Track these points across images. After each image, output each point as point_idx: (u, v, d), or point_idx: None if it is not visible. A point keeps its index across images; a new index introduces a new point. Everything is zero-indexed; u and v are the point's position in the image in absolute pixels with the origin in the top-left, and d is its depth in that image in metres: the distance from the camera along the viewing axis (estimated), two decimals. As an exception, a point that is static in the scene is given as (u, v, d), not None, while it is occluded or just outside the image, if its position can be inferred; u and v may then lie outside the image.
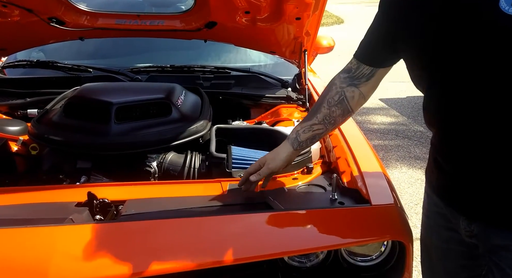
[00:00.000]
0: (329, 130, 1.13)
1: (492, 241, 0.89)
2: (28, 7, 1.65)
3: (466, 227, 0.93)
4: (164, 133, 1.39)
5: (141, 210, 1.06)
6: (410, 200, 2.83)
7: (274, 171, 1.14)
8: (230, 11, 1.66)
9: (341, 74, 1.11)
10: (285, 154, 1.13)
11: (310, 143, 1.15)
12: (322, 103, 1.11)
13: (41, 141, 1.41)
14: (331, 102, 1.09)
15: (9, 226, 0.96)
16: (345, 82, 1.09)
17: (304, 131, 1.12)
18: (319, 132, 1.12)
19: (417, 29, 0.87)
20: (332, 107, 1.09)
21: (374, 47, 1.03)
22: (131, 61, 2.12)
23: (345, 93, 1.08)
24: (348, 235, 1.03)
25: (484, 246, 0.91)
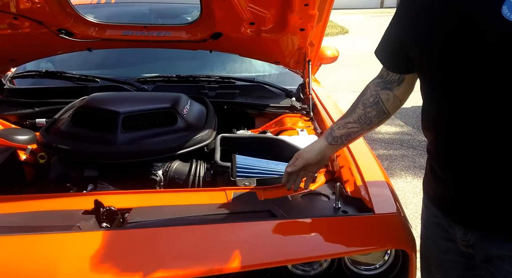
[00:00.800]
0: (364, 130, 1.13)
1: (488, 251, 0.89)
2: (38, 19, 1.70)
3: (462, 236, 0.93)
4: (170, 142, 1.41)
5: (147, 218, 1.07)
6: (415, 210, 2.82)
7: (308, 162, 1.14)
8: (235, 22, 1.69)
9: (375, 80, 1.13)
10: (319, 146, 1.14)
11: (345, 140, 1.14)
12: (357, 104, 1.13)
13: (49, 150, 1.44)
14: (366, 103, 1.11)
15: (18, 233, 0.98)
16: (379, 86, 1.10)
17: (338, 127, 1.14)
18: (354, 130, 1.13)
19: (421, 33, 0.89)
20: (367, 108, 1.10)
21: (390, 53, 1.05)
22: (138, 71, 2.16)
23: (380, 96, 1.09)
24: (352, 244, 1.04)
25: (481, 255, 0.91)
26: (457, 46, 0.80)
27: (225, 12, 1.64)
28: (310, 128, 1.72)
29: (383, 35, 1.06)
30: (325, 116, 1.76)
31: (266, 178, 1.30)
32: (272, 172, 1.32)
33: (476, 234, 0.90)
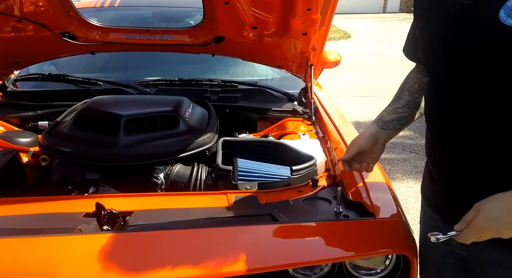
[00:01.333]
0: (415, 114, 1.12)
1: (481, 254, 0.89)
2: (42, 22, 1.71)
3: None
4: (172, 145, 1.41)
5: (148, 221, 1.07)
6: (417, 215, 2.79)
7: (362, 148, 1.12)
8: (238, 26, 1.70)
9: (414, 69, 1.14)
10: (370, 131, 1.13)
11: (397, 124, 1.13)
12: (403, 92, 1.13)
13: (51, 153, 1.44)
14: (411, 90, 1.11)
15: (19, 236, 0.98)
16: (419, 74, 1.11)
17: (387, 113, 1.13)
18: (405, 115, 1.12)
19: (426, 29, 0.92)
20: (415, 94, 1.10)
21: (411, 47, 1.07)
22: (140, 75, 2.17)
23: (424, 82, 1.08)
24: (353, 248, 1.03)
25: (474, 259, 0.92)
26: (455, 46, 0.83)
27: (228, 16, 1.65)
28: (312, 132, 1.72)
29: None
30: (327, 120, 1.76)
31: (267, 182, 1.30)
32: (273, 176, 1.32)
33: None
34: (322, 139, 1.65)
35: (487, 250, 0.88)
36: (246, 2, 1.57)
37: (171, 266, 0.92)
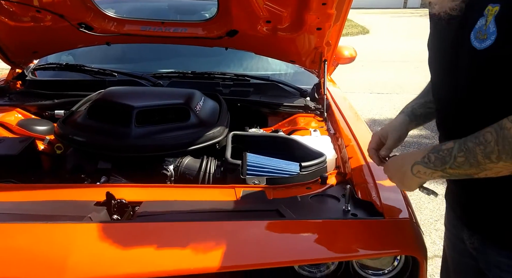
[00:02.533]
0: None
1: (489, 256, 0.89)
2: (60, 13, 1.74)
3: (468, 238, 0.93)
4: (182, 137, 1.42)
5: (156, 212, 1.08)
6: (430, 216, 2.76)
7: (399, 140, 1.11)
8: (251, 20, 1.69)
9: None
10: (404, 124, 1.11)
11: (424, 119, 1.12)
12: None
13: (65, 141, 1.47)
14: None
15: (31, 221, 1.01)
16: None
17: (419, 106, 1.12)
18: (431, 111, 1.09)
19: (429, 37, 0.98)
20: None
21: None
22: (154, 66, 2.18)
23: None
24: (360, 248, 1.02)
25: (483, 260, 0.91)
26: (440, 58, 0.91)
27: (242, 9, 1.64)
28: (323, 128, 1.70)
29: None
30: (339, 117, 1.74)
31: (276, 177, 1.29)
32: (282, 171, 1.32)
33: (480, 237, 0.90)
34: (333, 136, 1.64)
35: (495, 253, 0.88)
36: (260, -5, 1.56)
37: (176, 258, 0.94)
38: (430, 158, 0.84)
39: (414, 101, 1.14)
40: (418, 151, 0.89)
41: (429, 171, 0.85)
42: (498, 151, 0.73)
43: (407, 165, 0.89)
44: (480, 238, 0.91)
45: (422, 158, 0.86)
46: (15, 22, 1.79)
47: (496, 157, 0.74)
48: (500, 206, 0.85)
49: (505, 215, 0.84)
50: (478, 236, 0.91)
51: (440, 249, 2.39)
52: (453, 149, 0.80)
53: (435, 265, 2.25)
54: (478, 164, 0.77)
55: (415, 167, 0.87)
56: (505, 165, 0.74)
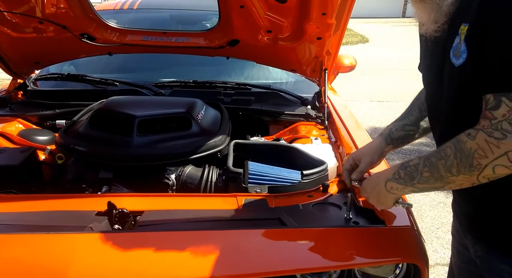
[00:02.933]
0: (420, 134, 1.15)
1: (491, 264, 0.89)
2: (62, 24, 1.76)
3: (472, 246, 0.93)
4: (184, 146, 1.42)
5: (158, 221, 1.08)
6: (432, 224, 2.75)
7: (371, 164, 1.15)
8: (252, 29, 1.71)
9: None
10: (379, 148, 1.15)
11: (401, 142, 1.15)
12: (412, 108, 1.15)
13: (67, 151, 1.47)
14: (421, 107, 1.12)
15: (32, 232, 1.01)
16: None
17: (397, 129, 1.15)
18: (411, 133, 1.14)
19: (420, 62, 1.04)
20: (423, 112, 1.11)
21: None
22: (156, 76, 2.20)
23: None
24: (362, 256, 1.02)
25: (485, 269, 0.91)
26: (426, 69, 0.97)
27: (243, 19, 1.66)
28: (324, 136, 1.70)
29: None
30: (340, 125, 1.75)
31: (278, 185, 1.29)
32: (284, 180, 1.32)
33: (483, 245, 0.91)
34: (335, 144, 1.64)
35: (495, 259, 0.88)
36: (261, 6, 1.58)
37: (179, 267, 0.93)
38: (400, 174, 0.89)
39: (394, 123, 1.17)
40: (390, 168, 0.94)
41: (400, 186, 0.89)
42: (457, 165, 0.77)
43: (381, 183, 0.93)
44: (484, 246, 0.91)
45: (393, 174, 0.90)
46: (18, 33, 1.81)
47: (456, 170, 0.78)
48: (503, 214, 0.85)
49: (508, 222, 0.85)
50: (482, 244, 0.91)
51: (442, 257, 2.38)
52: (419, 165, 0.85)
53: (437, 273, 2.23)
54: (442, 178, 0.81)
55: (388, 184, 0.91)
56: (465, 177, 0.78)
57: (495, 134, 0.72)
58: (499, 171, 0.74)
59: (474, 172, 0.76)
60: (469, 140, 0.76)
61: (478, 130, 0.75)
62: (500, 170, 0.74)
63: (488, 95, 0.74)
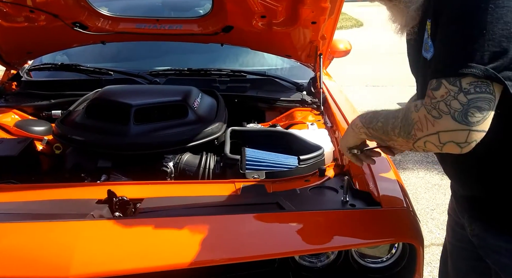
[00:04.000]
0: None
1: (488, 241, 0.91)
2: (54, 12, 1.73)
3: (468, 225, 0.95)
4: (181, 134, 1.43)
5: (158, 207, 1.10)
6: (426, 206, 2.80)
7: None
8: (246, 15, 1.70)
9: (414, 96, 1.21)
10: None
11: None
12: None
13: (64, 141, 1.48)
14: None
15: (34, 220, 1.02)
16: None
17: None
18: None
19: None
20: None
21: None
22: (150, 64, 2.18)
23: None
24: (359, 237, 1.04)
25: (481, 247, 0.93)
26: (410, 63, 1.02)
27: (237, 5, 1.64)
28: (320, 122, 1.72)
29: None
30: (335, 110, 1.76)
31: (275, 171, 1.31)
32: (281, 165, 1.33)
33: (479, 224, 0.92)
34: (331, 129, 1.65)
35: (492, 237, 0.90)
36: (255, -10, 1.56)
37: (179, 252, 0.95)
38: (365, 116, 0.96)
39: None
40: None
41: (360, 124, 0.96)
42: (400, 128, 0.84)
43: (352, 124, 1.01)
44: (480, 225, 0.92)
45: (364, 114, 0.97)
46: (9, 23, 1.78)
47: (398, 132, 0.84)
48: (502, 193, 0.86)
49: (505, 200, 0.86)
50: (479, 223, 0.93)
51: (437, 237, 2.44)
52: (380, 115, 0.92)
53: (432, 253, 2.28)
54: (387, 133, 0.88)
55: (355, 120, 0.99)
56: (403, 141, 0.84)
57: (432, 112, 0.76)
58: (429, 146, 0.78)
59: (410, 140, 0.81)
60: (414, 111, 0.80)
61: (422, 105, 0.79)
62: (430, 146, 0.78)
63: (433, 80, 0.77)
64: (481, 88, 0.71)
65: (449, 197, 2.50)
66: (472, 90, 0.72)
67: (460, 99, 0.72)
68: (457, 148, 0.75)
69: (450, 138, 0.74)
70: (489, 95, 0.72)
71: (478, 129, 0.73)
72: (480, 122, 0.72)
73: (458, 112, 0.72)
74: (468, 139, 0.73)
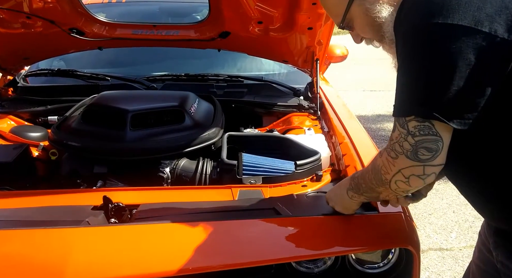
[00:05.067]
0: None
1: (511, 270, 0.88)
2: (51, 18, 1.74)
3: (493, 250, 0.93)
4: (177, 140, 1.43)
5: (154, 214, 1.09)
6: (424, 210, 2.79)
7: None
8: (243, 21, 1.71)
9: None
10: None
11: None
12: None
13: (60, 147, 1.47)
14: None
15: (29, 227, 1.01)
16: None
17: None
18: None
19: None
20: None
21: None
22: (147, 70, 2.18)
23: None
24: (356, 242, 1.04)
25: (505, 274, 0.91)
26: None
27: (234, 11, 1.65)
28: (317, 127, 1.72)
29: None
30: (332, 115, 1.76)
31: (272, 176, 1.31)
32: (278, 170, 1.33)
33: (504, 251, 0.90)
34: (327, 134, 1.66)
35: None
36: (251, -4, 1.57)
37: (175, 258, 0.94)
38: (352, 185, 0.98)
39: None
40: (347, 178, 1.03)
41: (356, 195, 0.98)
42: (374, 178, 0.88)
43: (343, 192, 1.01)
44: (505, 252, 0.90)
45: (349, 185, 0.98)
46: (5, 29, 1.78)
47: (375, 183, 0.88)
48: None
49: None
50: (503, 249, 0.91)
51: (435, 242, 2.43)
52: (359, 178, 0.94)
53: (429, 258, 2.28)
54: (372, 190, 0.91)
55: (349, 193, 0.99)
56: (384, 189, 0.87)
57: (391, 154, 0.81)
58: (401, 185, 0.82)
59: (386, 185, 0.85)
60: (379, 158, 0.85)
61: (385, 149, 0.84)
62: (401, 184, 0.82)
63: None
64: (424, 130, 0.76)
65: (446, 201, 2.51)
66: (417, 132, 0.76)
67: (409, 141, 0.78)
68: (419, 180, 0.80)
69: (411, 172, 0.80)
70: (433, 136, 0.76)
71: (432, 164, 0.78)
72: (431, 159, 0.77)
73: (410, 152, 0.78)
74: (425, 172, 0.79)
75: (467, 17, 0.71)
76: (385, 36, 0.87)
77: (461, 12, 0.72)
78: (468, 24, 0.71)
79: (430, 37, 0.74)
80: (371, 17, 0.87)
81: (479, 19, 0.71)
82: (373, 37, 0.94)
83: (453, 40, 0.71)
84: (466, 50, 0.71)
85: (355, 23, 0.93)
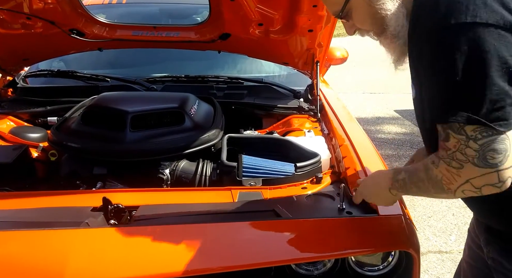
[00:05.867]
0: None
1: (503, 266, 0.88)
2: (51, 19, 1.74)
3: (484, 246, 0.94)
4: (177, 141, 1.43)
5: (154, 215, 1.09)
6: (423, 213, 2.79)
7: None
8: (244, 23, 1.71)
9: None
10: None
11: None
12: None
13: (60, 148, 1.47)
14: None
15: (28, 229, 1.01)
16: None
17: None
18: None
19: None
20: None
21: None
22: (147, 71, 2.18)
23: None
24: (356, 245, 1.04)
25: (497, 270, 0.91)
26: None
27: (234, 13, 1.65)
28: (317, 129, 1.72)
29: None
30: (332, 117, 1.76)
31: (271, 178, 1.30)
32: (278, 172, 1.33)
33: (496, 247, 0.91)
34: (327, 136, 1.66)
35: (506, 260, 0.88)
36: (252, -1, 1.57)
37: (175, 260, 0.94)
38: (396, 186, 0.93)
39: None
40: (384, 175, 0.97)
41: (402, 193, 0.95)
42: (432, 187, 0.82)
43: (385, 192, 0.96)
44: (497, 248, 0.91)
45: (391, 185, 0.93)
46: (5, 30, 1.78)
47: (434, 191, 0.83)
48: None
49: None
50: (495, 246, 0.91)
51: (434, 244, 2.43)
52: (406, 180, 0.89)
53: (429, 261, 2.28)
54: (427, 193, 0.87)
55: (393, 191, 0.95)
56: (446, 195, 0.82)
57: (453, 164, 0.76)
58: (468, 193, 0.78)
59: (449, 194, 0.80)
60: (434, 168, 0.80)
61: (440, 159, 0.78)
62: (469, 193, 0.78)
63: (438, 125, 0.77)
64: (486, 131, 0.71)
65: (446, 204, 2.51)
66: (479, 135, 0.71)
67: (472, 146, 0.72)
68: (495, 188, 0.74)
69: (484, 182, 0.74)
70: (498, 135, 0.71)
71: (505, 167, 0.71)
72: (504, 161, 0.71)
73: (476, 158, 0.72)
74: (500, 178, 0.72)
75: (495, 15, 0.70)
76: (388, 30, 0.84)
77: (488, 10, 0.70)
78: (496, 22, 0.69)
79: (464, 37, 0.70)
80: (374, 8, 0.84)
81: (506, 17, 0.70)
82: (371, 30, 0.90)
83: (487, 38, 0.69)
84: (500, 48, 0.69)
85: (354, 13, 0.89)
